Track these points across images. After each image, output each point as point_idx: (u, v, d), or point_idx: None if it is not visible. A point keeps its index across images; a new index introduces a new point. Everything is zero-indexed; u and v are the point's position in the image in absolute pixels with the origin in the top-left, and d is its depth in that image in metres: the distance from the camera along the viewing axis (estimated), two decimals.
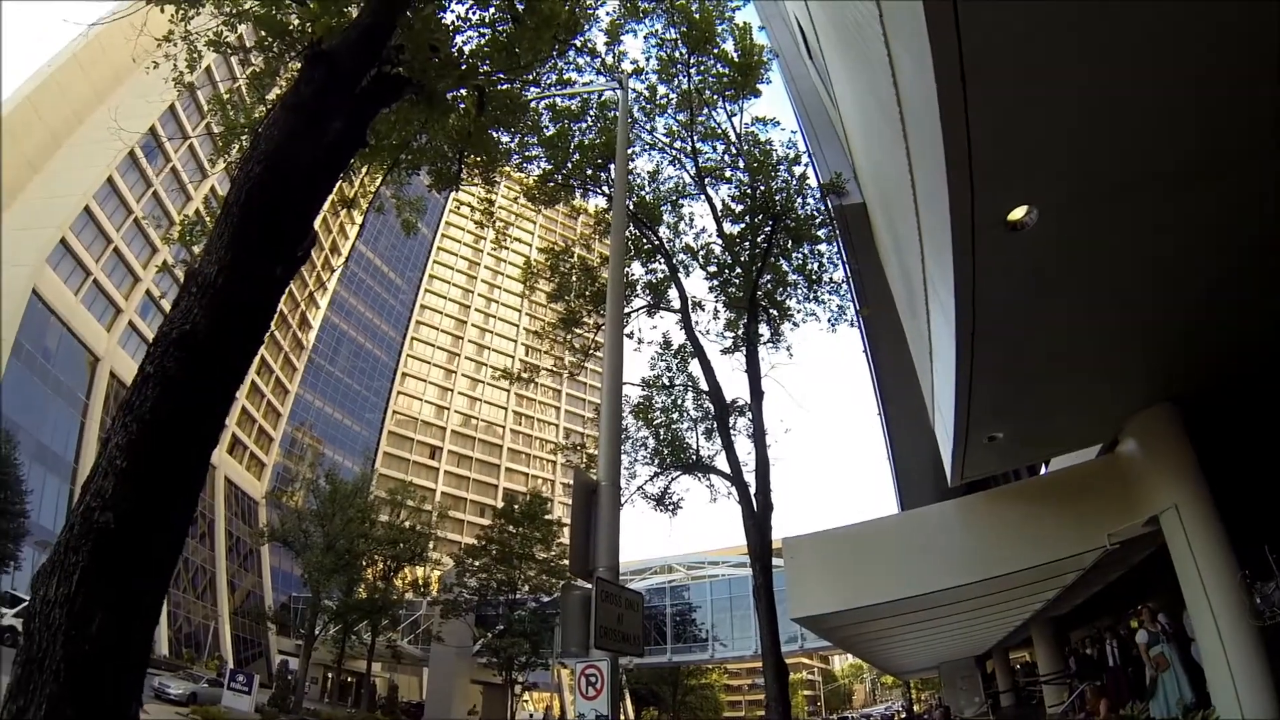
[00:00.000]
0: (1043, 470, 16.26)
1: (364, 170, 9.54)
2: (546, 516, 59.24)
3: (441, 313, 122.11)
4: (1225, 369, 10.29)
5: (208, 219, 9.35)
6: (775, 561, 13.46)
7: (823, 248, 18.04)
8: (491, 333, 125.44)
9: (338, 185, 6.88)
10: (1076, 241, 6.77)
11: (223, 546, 70.54)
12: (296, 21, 7.11)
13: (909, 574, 13.85)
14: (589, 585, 5.72)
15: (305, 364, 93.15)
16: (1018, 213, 6.10)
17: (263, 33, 7.39)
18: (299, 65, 5.00)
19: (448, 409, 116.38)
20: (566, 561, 8.60)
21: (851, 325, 18.44)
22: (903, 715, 42.25)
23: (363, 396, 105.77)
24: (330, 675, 66.18)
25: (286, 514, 55.41)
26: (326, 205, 5.24)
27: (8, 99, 54.74)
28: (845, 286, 18.11)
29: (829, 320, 18.20)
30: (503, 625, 54.84)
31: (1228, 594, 10.25)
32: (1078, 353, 9.37)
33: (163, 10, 7.46)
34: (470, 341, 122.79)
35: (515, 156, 16.64)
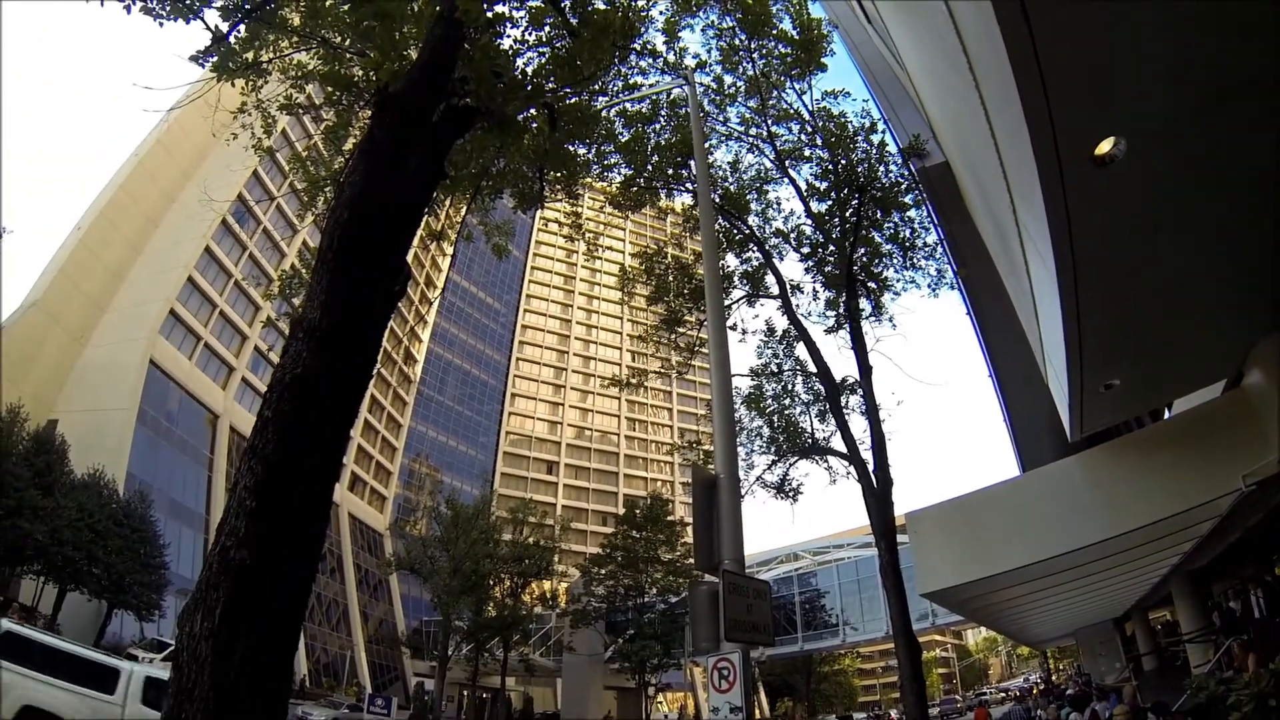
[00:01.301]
0: (1166, 415, 15.59)
1: (448, 202, 9.78)
2: (668, 518, 59.75)
3: (543, 330, 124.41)
4: None
5: (304, 271, 9.76)
6: (900, 538, 13.25)
7: (912, 214, 17.74)
8: (595, 343, 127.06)
9: (425, 219, 7.09)
10: (1170, 167, 6.41)
11: (353, 579, 74.01)
12: (360, 73, 7.37)
13: (1036, 537, 13.47)
14: (716, 580, 5.73)
15: (415, 397, 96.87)
16: (1105, 145, 5.77)
17: (330, 88, 7.66)
18: (370, 113, 5.21)
19: (560, 423, 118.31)
20: (692, 560, 8.67)
21: (952, 288, 18.09)
22: (1041, 687, 40.90)
23: (475, 421, 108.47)
24: (465, 693, 67.94)
25: (411, 542, 57.24)
26: (416, 240, 5.44)
27: (104, 190, 60.54)
28: (940, 249, 17.77)
29: (928, 286, 17.89)
30: (632, 630, 55.27)
31: None
32: (1187, 285, 8.87)
33: (234, 84, 7.81)
34: (575, 355, 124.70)
35: (595, 167, 16.81)
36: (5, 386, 39.63)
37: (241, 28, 6.81)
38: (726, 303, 16.85)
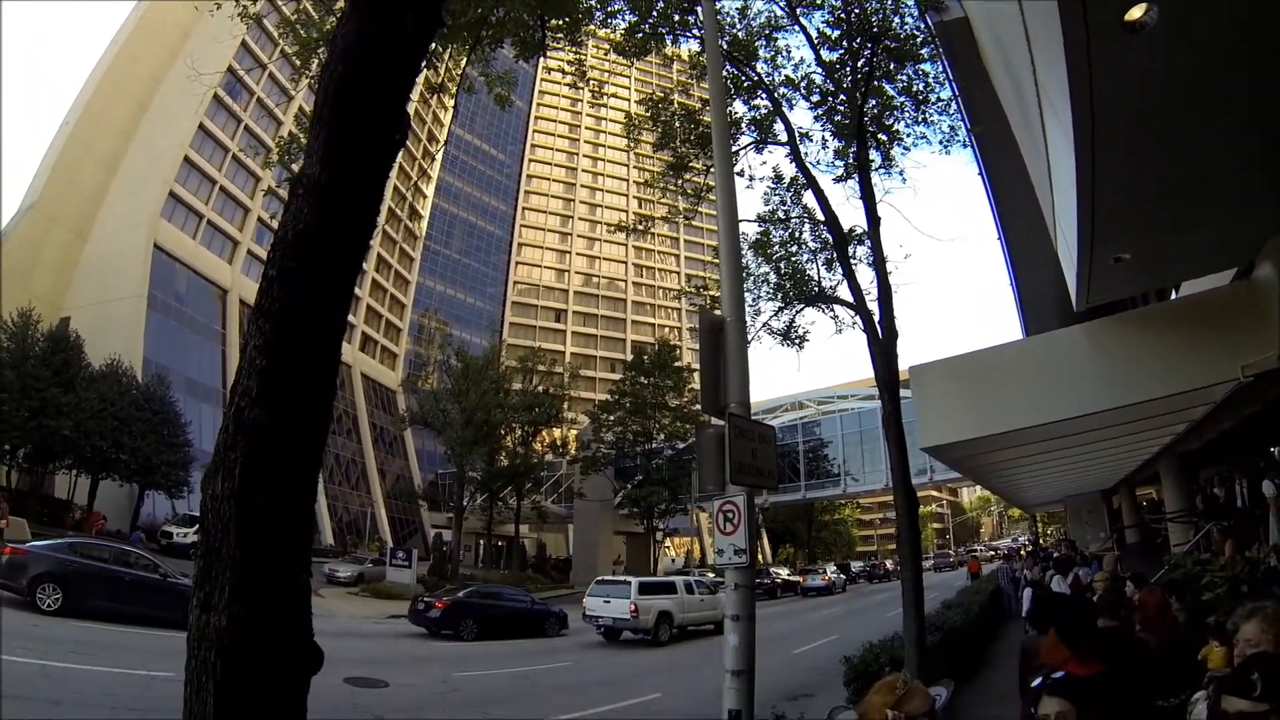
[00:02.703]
0: (1173, 295, 15.53)
1: (447, 54, 9.49)
2: (676, 364, 60.39)
3: (549, 179, 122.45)
4: None
5: (301, 136, 9.51)
6: (903, 393, 13.32)
7: (927, 67, 17.12)
8: (601, 190, 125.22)
9: (425, 73, 6.85)
10: (1204, 40, 6.04)
11: (369, 438, 76.03)
12: None
13: (1037, 400, 13.59)
14: (722, 424, 5.76)
15: (421, 252, 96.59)
16: (1136, 11, 5.43)
17: None
18: None
19: (567, 271, 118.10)
20: (699, 406, 8.77)
21: (964, 146, 17.69)
22: (1028, 549, 42.27)
23: (482, 273, 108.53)
24: (481, 542, 70.62)
25: (423, 397, 57.82)
26: (417, 95, 5.30)
27: (87, 81, 59.82)
28: (954, 105, 17.29)
29: (940, 142, 17.41)
30: (641, 475, 56.68)
31: None
32: (1209, 167, 8.53)
33: None
34: (581, 202, 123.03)
35: (598, 13, 16.22)
36: (14, 292, 40.41)
37: None
38: (734, 149, 16.51)
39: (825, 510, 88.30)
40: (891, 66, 16.11)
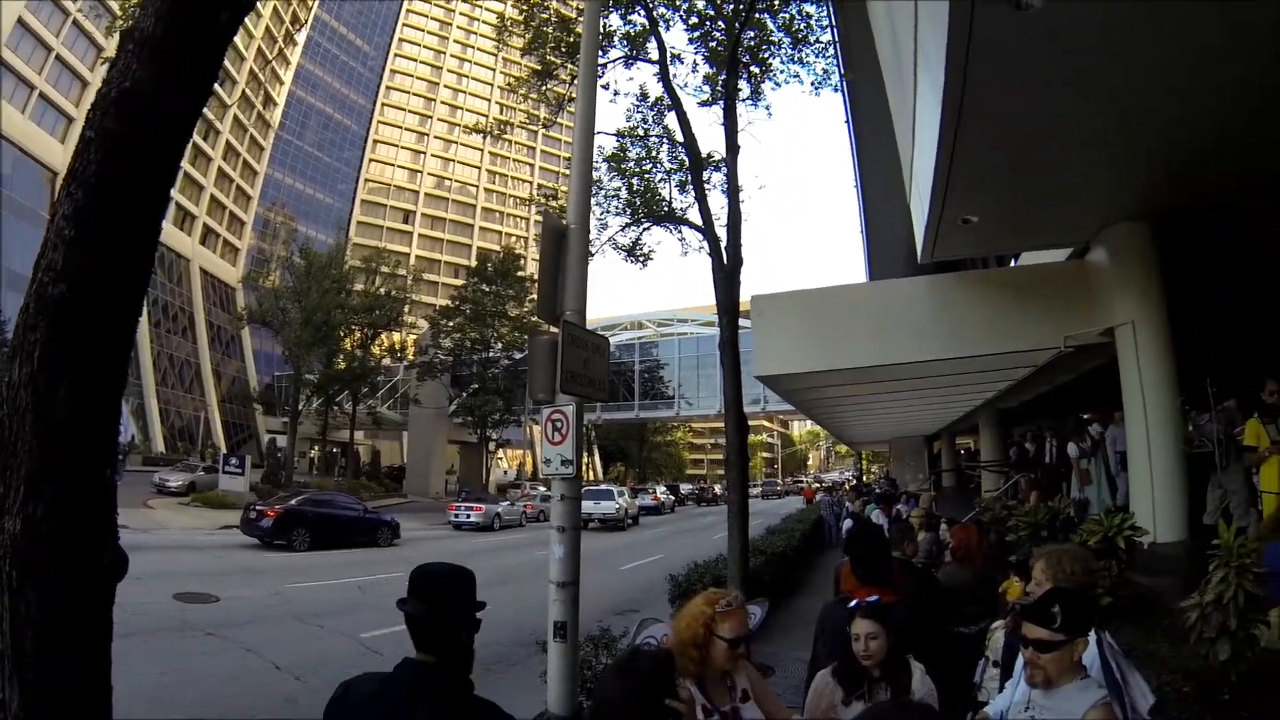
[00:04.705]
0: (1013, 263, 16.39)
1: None
2: (519, 273, 60.24)
3: (413, 75, 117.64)
4: (1203, 194, 10.17)
5: None
6: (743, 322, 13.50)
7: (811, 9, 17.18)
8: (465, 92, 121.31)
9: None
10: (1086, 31, 6.29)
11: (204, 337, 71.62)
12: None
13: (874, 342, 14.00)
14: (557, 331, 5.60)
15: (273, 143, 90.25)
16: None
17: None
18: None
19: (420, 172, 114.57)
20: (538, 318, 8.59)
21: (835, 90, 17.88)
22: (852, 483, 44.64)
23: (334, 169, 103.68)
24: (317, 448, 69.18)
25: (264, 295, 55.58)
26: None
27: None
28: (832, 49, 17.42)
29: (813, 83, 17.58)
30: (477, 384, 56.54)
31: (1165, 417, 10.73)
32: (1065, 153, 9.11)
33: None
34: (443, 103, 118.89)
35: None
36: None
37: None
38: (603, 60, 16.17)
39: (657, 431, 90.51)
40: (776, 2, 16.02)
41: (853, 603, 3.53)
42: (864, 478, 56.39)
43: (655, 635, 3.48)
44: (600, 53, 13.11)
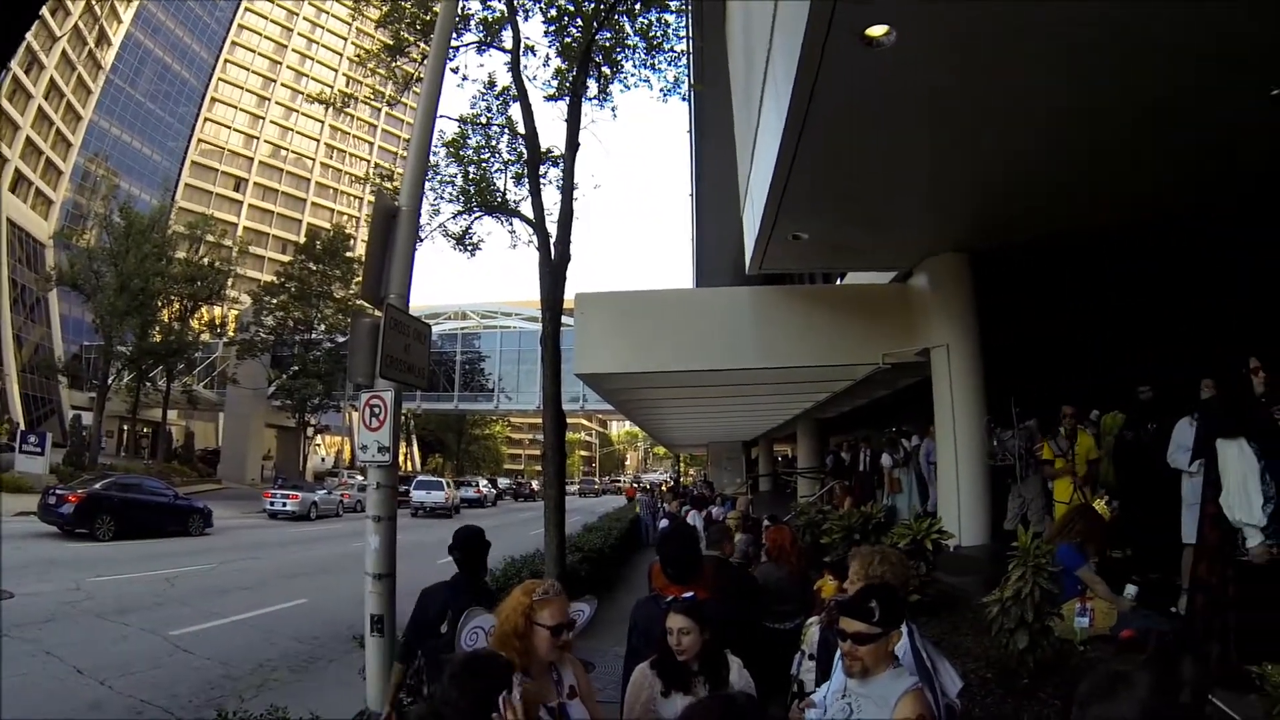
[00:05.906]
0: (838, 282, 17.18)
1: None
2: (348, 254, 58.33)
3: (261, 34, 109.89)
4: (1015, 235, 11.16)
5: None
6: (566, 321, 13.55)
7: (670, 17, 17.46)
8: (314, 59, 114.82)
9: None
10: (930, 75, 6.72)
11: (6, 297, 62.66)
12: None
13: (696, 348, 14.28)
14: (379, 315, 5.58)
15: (103, 87, 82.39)
16: (878, 30, 5.89)
17: None
18: None
19: (257, 139, 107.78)
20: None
21: (683, 99, 18.28)
22: (670, 485, 45.54)
23: (166, 123, 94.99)
24: (126, 427, 63.99)
25: (77, 254, 50.82)
26: None
27: None
28: (685, 60, 17.79)
29: (662, 90, 17.87)
30: (297, 366, 54.48)
31: (972, 433, 11.90)
32: (895, 184, 9.72)
33: None
34: (290, 68, 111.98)
35: None
36: None
37: None
38: (456, 43, 15.97)
39: (477, 424, 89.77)
40: (637, 6, 16.22)
41: (668, 599, 3.63)
42: (681, 479, 57.49)
43: (483, 626, 3.47)
44: (455, 35, 12.95)
